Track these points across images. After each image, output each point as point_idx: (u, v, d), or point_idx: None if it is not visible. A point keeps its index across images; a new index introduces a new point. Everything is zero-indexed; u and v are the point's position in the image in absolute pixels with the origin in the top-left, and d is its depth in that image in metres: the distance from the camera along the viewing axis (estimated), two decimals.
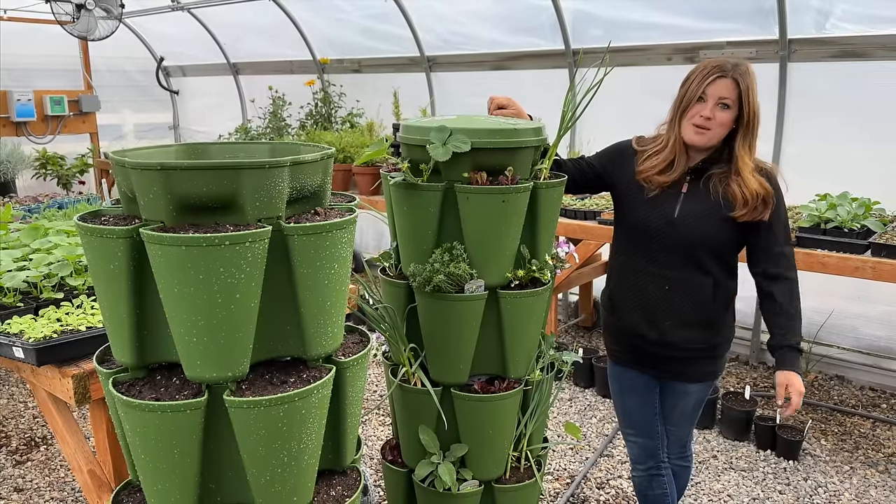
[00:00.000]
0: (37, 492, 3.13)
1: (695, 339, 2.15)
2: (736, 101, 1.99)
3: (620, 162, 2.22)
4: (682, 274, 2.11)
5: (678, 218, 2.09)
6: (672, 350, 2.17)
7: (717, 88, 1.99)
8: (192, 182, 1.33)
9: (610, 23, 4.69)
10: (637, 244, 2.19)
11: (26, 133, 6.49)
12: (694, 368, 2.20)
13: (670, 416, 2.33)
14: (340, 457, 1.68)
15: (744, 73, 1.99)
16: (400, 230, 2.07)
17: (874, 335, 4.07)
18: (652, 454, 2.35)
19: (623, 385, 2.35)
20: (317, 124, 5.95)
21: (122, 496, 1.64)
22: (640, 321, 2.20)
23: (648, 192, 2.13)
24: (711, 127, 2.01)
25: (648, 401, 2.30)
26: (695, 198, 2.09)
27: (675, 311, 2.14)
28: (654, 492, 2.39)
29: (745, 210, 2.03)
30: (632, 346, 2.26)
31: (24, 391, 4.11)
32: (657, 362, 2.22)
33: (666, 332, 2.15)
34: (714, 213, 2.06)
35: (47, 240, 2.71)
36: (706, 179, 2.09)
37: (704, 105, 2.01)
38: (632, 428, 2.37)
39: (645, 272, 2.17)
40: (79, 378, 2.01)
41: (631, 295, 2.22)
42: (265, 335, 1.46)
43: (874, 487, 3.09)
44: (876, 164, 3.77)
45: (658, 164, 2.11)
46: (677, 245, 2.10)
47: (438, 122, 1.95)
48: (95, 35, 5.68)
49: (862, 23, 3.78)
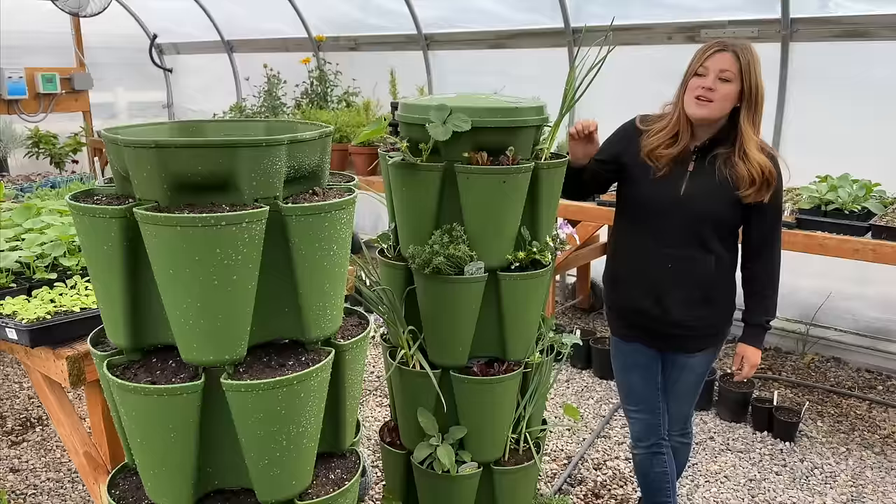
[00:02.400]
0: (32, 472, 3.12)
1: (697, 314, 2.19)
2: (737, 74, 2.00)
3: (626, 143, 2.23)
4: (685, 251, 2.14)
5: (684, 196, 2.11)
6: (674, 325, 2.21)
7: (717, 62, 2.01)
8: (188, 161, 1.29)
9: (611, 0, 4.64)
10: (642, 222, 2.21)
11: (18, 111, 6.40)
12: (696, 342, 2.25)
13: (672, 392, 2.36)
14: (339, 440, 1.66)
15: (744, 48, 2.01)
16: (398, 211, 2.04)
17: (872, 317, 4.07)
18: (654, 430, 2.38)
19: (626, 361, 2.37)
20: (312, 103, 5.88)
21: (119, 479, 1.62)
22: (643, 297, 2.22)
23: (655, 171, 2.14)
24: (714, 99, 2.01)
25: (651, 376, 2.33)
26: (701, 177, 2.11)
27: (678, 288, 2.17)
28: (655, 470, 2.41)
29: (751, 190, 2.06)
30: (635, 321, 2.29)
31: (20, 372, 4.09)
32: (660, 336, 2.26)
33: (668, 308, 2.18)
34: (719, 193, 2.08)
35: (40, 219, 2.67)
36: (712, 159, 2.11)
37: (705, 78, 2.02)
38: (634, 404, 2.40)
39: (649, 250, 2.19)
40: (73, 360, 1.99)
41: (635, 272, 2.25)
42: (263, 317, 1.44)
43: (870, 469, 3.10)
44: (877, 145, 3.74)
45: (662, 136, 2.13)
46: (682, 223, 2.12)
47: (438, 100, 1.91)
48: (87, 11, 5.59)
49: (865, 1, 3.73)
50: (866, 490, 2.95)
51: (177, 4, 6.88)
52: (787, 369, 4.08)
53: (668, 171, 2.13)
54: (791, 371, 4.06)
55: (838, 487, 2.97)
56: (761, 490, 2.96)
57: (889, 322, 4.02)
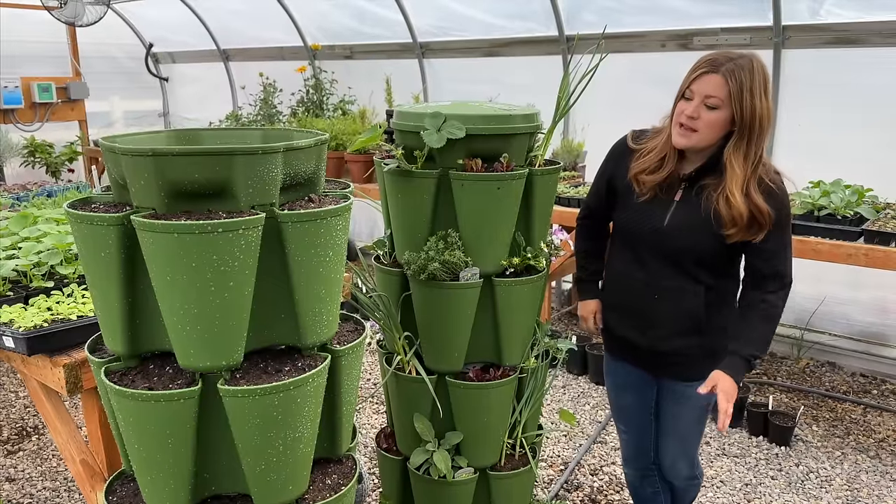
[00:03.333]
0: (28, 481, 3.11)
1: (689, 345, 2.03)
2: (726, 100, 1.78)
3: (618, 162, 2.08)
4: (671, 283, 1.98)
5: (667, 227, 1.95)
6: (664, 356, 2.07)
7: (703, 85, 1.80)
8: (185, 168, 1.31)
9: (604, 8, 4.67)
10: (626, 248, 2.08)
11: (14, 120, 6.41)
12: (691, 370, 2.05)
13: (675, 430, 2.19)
14: (336, 445, 1.67)
15: (739, 69, 1.77)
16: (394, 218, 2.05)
17: (866, 321, 4.09)
18: (642, 454, 2.31)
19: (617, 381, 2.28)
20: (308, 111, 5.90)
21: (116, 486, 1.63)
22: (630, 328, 2.11)
23: (640, 195, 1.98)
24: (698, 128, 1.82)
25: (644, 399, 2.23)
26: (687, 208, 1.93)
27: (665, 321, 2.02)
28: (646, 490, 2.37)
29: (735, 230, 1.85)
30: (625, 346, 2.18)
31: (15, 381, 4.08)
32: (651, 363, 2.14)
33: (655, 342, 2.05)
34: (703, 227, 1.90)
35: (36, 228, 2.68)
36: (699, 189, 1.91)
37: (690, 103, 1.83)
38: (625, 424, 2.32)
39: (634, 279, 2.05)
40: (70, 367, 1.99)
41: (622, 300, 2.12)
42: (259, 323, 1.45)
43: (865, 472, 3.11)
44: (870, 151, 3.77)
45: (649, 160, 1.96)
46: (665, 254, 1.97)
47: (433, 108, 1.93)
48: (83, 21, 5.61)
49: (856, 9, 3.77)
50: (861, 494, 2.96)
51: (173, 14, 6.91)
52: (782, 374, 4.10)
53: (653, 196, 1.96)
54: (786, 376, 4.08)
55: (833, 491, 2.98)
56: (757, 494, 2.97)
57: (883, 326, 4.04)
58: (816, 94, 4.00)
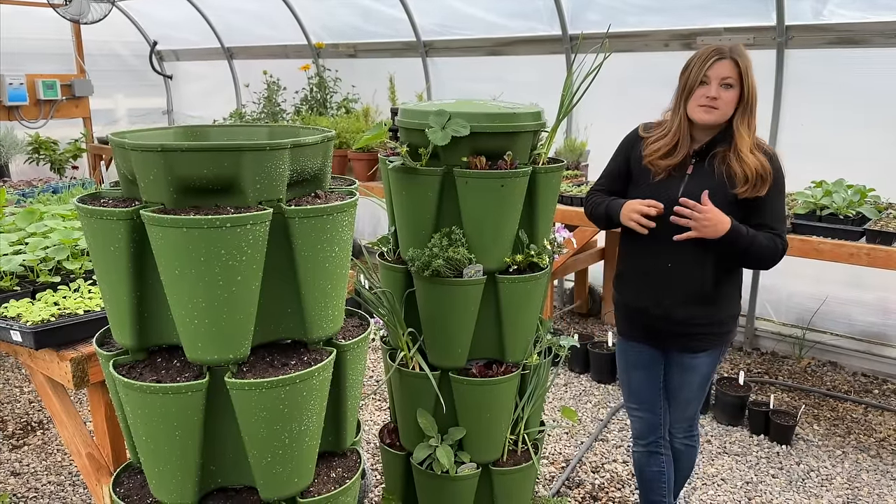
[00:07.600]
0: (34, 476, 3.13)
1: (698, 313, 2.23)
2: (737, 79, 2.08)
3: (631, 150, 2.30)
4: (684, 252, 2.17)
5: (682, 196, 2.14)
6: (675, 325, 2.25)
7: (719, 70, 2.07)
8: (193, 164, 1.32)
9: (608, 7, 4.68)
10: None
11: (18, 117, 6.44)
12: (698, 342, 2.27)
13: (678, 395, 2.39)
14: (340, 439, 1.69)
15: (741, 53, 2.09)
16: (398, 215, 2.07)
17: (867, 321, 4.10)
18: (654, 429, 2.44)
19: (629, 360, 2.43)
20: (312, 109, 5.92)
21: (123, 477, 1.64)
22: (644, 297, 2.28)
23: (654, 175, 2.21)
24: (719, 106, 2.09)
25: (653, 376, 2.39)
26: (699, 178, 2.16)
27: (678, 288, 2.21)
28: (651, 468, 2.47)
29: (746, 186, 2.11)
30: (638, 320, 2.34)
31: (21, 376, 4.11)
32: (662, 335, 2.30)
33: (669, 308, 2.23)
34: (717, 192, 2.11)
35: (43, 224, 2.70)
36: (710, 159, 2.16)
37: (708, 87, 2.09)
38: (636, 402, 2.45)
39: (650, 250, 2.24)
40: (77, 361, 2.01)
41: (636, 272, 2.31)
42: (266, 318, 1.46)
43: (866, 472, 3.12)
44: (872, 151, 3.78)
45: (661, 147, 2.18)
46: (679, 223, 2.13)
47: (438, 105, 1.94)
48: (88, 18, 5.63)
49: (860, 9, 3.77)
50: (862, 493, 2.97)
51: (177, 12, 6.93)
52: (783, 373, 4.11)
53: (667, 176, 2.19)
54: (787, 375, 4.08)
55: (834, 490, 3.00)
56: (758, 493, 2.98)
57: (884, 326, 4.05)
58: (819, 93, 4.00)
